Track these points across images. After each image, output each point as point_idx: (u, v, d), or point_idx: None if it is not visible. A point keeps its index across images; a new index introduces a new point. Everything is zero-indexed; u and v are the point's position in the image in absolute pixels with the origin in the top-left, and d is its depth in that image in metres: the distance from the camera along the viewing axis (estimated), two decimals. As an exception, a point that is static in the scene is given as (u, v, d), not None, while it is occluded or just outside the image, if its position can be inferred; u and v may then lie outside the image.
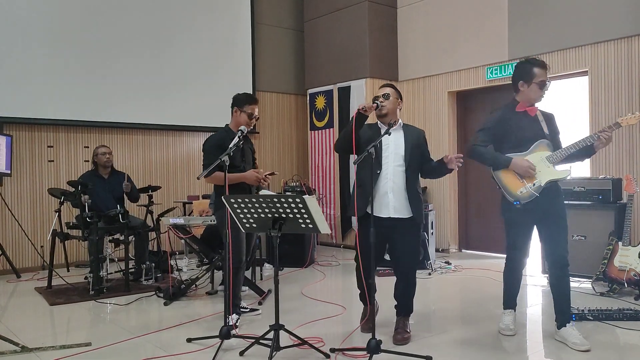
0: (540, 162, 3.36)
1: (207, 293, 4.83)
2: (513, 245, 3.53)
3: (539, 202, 3.36)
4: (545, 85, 3.38)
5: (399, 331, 3.47)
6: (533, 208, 3.38)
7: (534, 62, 3.42)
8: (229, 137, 3.76)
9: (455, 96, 7.09)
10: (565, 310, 3.40)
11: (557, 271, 3.40)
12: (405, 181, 3.40)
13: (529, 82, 3.39)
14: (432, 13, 7.11)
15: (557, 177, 3.35)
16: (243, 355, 3.18)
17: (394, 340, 3.42)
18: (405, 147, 3.43)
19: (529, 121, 3.44)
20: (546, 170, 3.35)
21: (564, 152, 3.35)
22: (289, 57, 8.34)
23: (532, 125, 3.43)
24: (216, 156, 3.55)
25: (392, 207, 3.36)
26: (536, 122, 3.44)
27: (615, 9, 5.41)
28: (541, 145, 3.39)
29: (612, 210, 4.85)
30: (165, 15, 6.99)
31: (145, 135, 7.01)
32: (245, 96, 3.97)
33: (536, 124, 3.44)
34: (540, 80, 3.37)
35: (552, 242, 3.40)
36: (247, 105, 3.90)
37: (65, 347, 3.37)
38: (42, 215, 6.26)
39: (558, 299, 3.41)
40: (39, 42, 6.13)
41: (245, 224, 3.18)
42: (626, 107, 5.38)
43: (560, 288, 3.40)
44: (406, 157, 3.41)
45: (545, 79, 3.38)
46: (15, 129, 6.11)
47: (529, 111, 3.45)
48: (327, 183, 7.78)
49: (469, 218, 7.12)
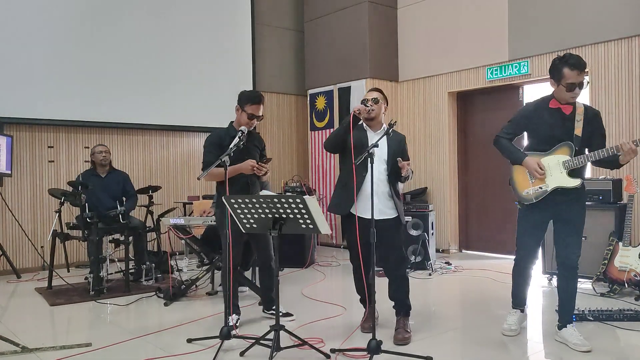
0: (555, 166, 3.27)
1: (208, 293, 4.83)
2: (521, 245, 3.50)
3: (555, 203, 3.30)
4: (574, 88, 3.16)
5: (399, 331, 3.48)
6: (546, 207, 3.34)
7: (566, 61, 3.16)
8: (229, 135, 3.73)
9: (456, 96, 7.09)
10: (568, 312, 3.40)
11: (564, 272, 3.39)
12: (388, 184, 3.49)
13: (557, 82, 3.22)
14: (432, 13, 7.11)
15: (565, 185, 3.25)
16: (243, 356, 3.18)
17: (395, 340, 3.42)
18: (388, 152, 3.49)
19: (561, 119, 3.27)
20: (558, 176, 3.26)
21: (582, 159, 3.21)
22: (289, 57, 8.34)
23: (563, 123, 3.27)
24: (213, 154, 3.57)
25: (377, 209, 3.36)
26: (569, 121, 3.26)
27: (616, 9, 5.41)
28: (563, 148, 3.26)
29: (612, 211, 4.84)
30: (166, 15, 6.99)
31: (146, 136, 7.01)
32: (248, 95, 3.77)
33: (568, 123, 3.26)
34: (568, 82, 3.15)
35: (563, 244, 3.35)
36: (248, 104, 3.71)
37: (66, 348, 3.37)
38: (42, 215, 6.26)
39: (563, 300, 3.41)
40: (39, 42, 6.13)
41: (246, 224, 3.18)
42: (626, 107, 5.38)
43: (567, 290, 3.39)
44: (389, 161, 3.48)
45: (575, 81, 3.14)
46: (16, 129, 6.12)
47: (563, 109, 3.27)
48: (327, 183, 7.78)
49: (470, 218, 7.12)
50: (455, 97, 7.09)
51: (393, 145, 3.52)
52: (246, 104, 3.72)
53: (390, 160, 3.48)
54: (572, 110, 3.28)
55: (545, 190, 3.30)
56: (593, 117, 3.30)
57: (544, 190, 3.30)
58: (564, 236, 3.34)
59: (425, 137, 7.22)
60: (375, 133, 3.50)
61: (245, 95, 3.76)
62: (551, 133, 3.29)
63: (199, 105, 7.21)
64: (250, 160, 3.65)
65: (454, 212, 7.07)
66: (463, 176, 7.10)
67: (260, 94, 3.81)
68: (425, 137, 7.22)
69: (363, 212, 3.40)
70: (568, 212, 3.32)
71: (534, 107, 3.39)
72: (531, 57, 6.10)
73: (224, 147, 3.61)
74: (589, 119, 3.27)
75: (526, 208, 3.40)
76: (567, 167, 3.25)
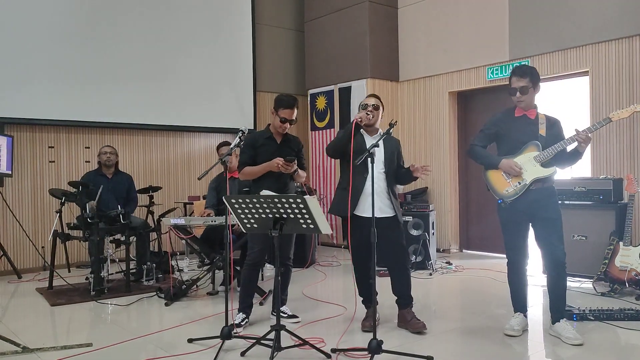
0: (528, 162, 3.45)
1: (208, 293, 4.83)
2: (509, 244, 3.59)
3: (531, 202, 3.43)
4: (515, 93, 3.46)
5: (413, 321, 3.63)
6: (524, 208, 3.46)
7: (512, 70, 3.55)
8: (262, 136, 3.89)
9: (456, 96, 7.09)
10: (560, 308, 3.47)
11: (552, 272, 3.48)
12: (386, 184, 3.64)
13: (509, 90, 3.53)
14: (432, 13, 7.11)
15: (543, 175, 3.42)
16: (244, 356, 3.18)
17: (413, 328, 3.59)
18: (385, 154, 3.65)
19: (527, 124, 3.50)
20: (532, 169, 3.44)
21: (551, 150, 3.40)
22: (289, 57, 8.34)
23: (528, 128, 3.49)
24: (247, 154, 3.80)
25: (377, 207, 3.46)
26: (534, 125, 3.49)
27: (616, 9, 5.41)
28: (531, 147, 3.46)
29: (613, 210, 4.84)
30: (167, 16, 6.99)
31: (146, 136, 7.01)
32: (281, 99, 3.83)
33: (533, 127, 3.49)
34: (510, 87, 3.50)
35: (547, 244, 3.45)
36: (281, 109, 3.79)
37: (67, 348, 3.37)
38: (43, 215, 6.27)
39: (554, 298, 3.49)
40: (40, 43, 6.13)
41: (247, 224, 3.19)
42: (627, 107, 5.36)
43: (556, 288, 3.48)
44: (386, 162, 3.65)
45: (515, 85, 3.46)
46: (17, 129, 6.12)
47: (527, 114, 3.52)
48: (327, 183, 7.78)
49: (470, 218, 7.12)
50: (455, 97, 7.09)
51: (389, 147, 3.68)
52: (279, 109, 3.82)
53: (386, 162, 3.65)
54: (535, 115, 3.52)
55: (524, 184, 3.44)
56: (554, 123, 3.52)
57: (523, 185, 3.45)
58: (545, 235, 3.45)
59: (425, 136, 7.22)
60: (372, 137, 3.65)
61: (279, 99, 3.86)
62: (518, 137, 3.50)
63: (200, 106, 7.22)
64: (278, 159, 3.70)
65: (455, 211, 7.07)
66: (464, 176, 7.10)
67: (294, 99, 3.86)
68: (426, 137, 7.22)
69: (364, 212, 3.54)
70: (545, 210, 3.44)
71: (501, 115, 3.65)
72: (532, 56, 6.10)
73: (256, 147, 3.81)
74: (551, 124, 3.51)
75: (504, 210, 3.54)
76: (539, 160, 3.43)
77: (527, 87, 3.44)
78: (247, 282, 3.84)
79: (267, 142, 3.85)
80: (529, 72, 3.47)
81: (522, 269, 3.61)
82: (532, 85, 3.45)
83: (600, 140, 5.55)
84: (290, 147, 3.93)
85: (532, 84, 3.45)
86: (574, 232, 5.03)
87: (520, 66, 3.54)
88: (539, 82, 3.50)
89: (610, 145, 5.50)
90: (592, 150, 5.61)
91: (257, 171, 3.78)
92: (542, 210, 3.44)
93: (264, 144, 3.83)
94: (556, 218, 3.45)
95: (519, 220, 3.51)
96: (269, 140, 3.86)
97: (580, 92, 5.93)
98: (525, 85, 3.43)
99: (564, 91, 6.18)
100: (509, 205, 3.49)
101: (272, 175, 3.78)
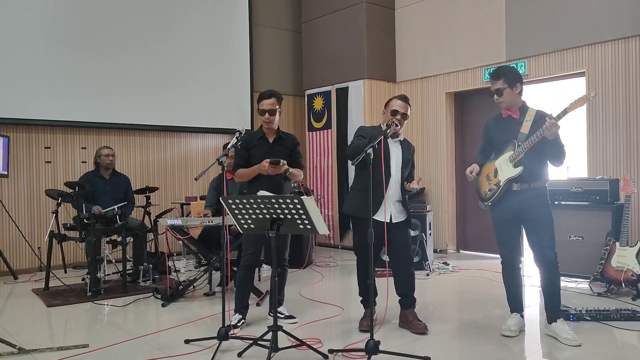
0: (505, 163, 3.50)
1: (205, 294, 4.82)
2: (501, 241, 3.62)
3: (518, 203, 3.45)
4: (493, 95, 3.52)
5: (414, 322, 3.65)
6: (514, 206, 3.47)
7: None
8: (255, 137, 3.89)
9: (453, 97, 7.10)
10: (555, 308, 3.48)
11: (545, 272, 3.48)
12: (401, 189, 3.68)
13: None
14: (429, 14, 7.12)
15: (511, 175, 3.43)
16: (241, 357, 3.18)
17: (415, 330, 3.60)
18: (403, 160, 3.68)
19: (511, 124, 3.51)
20: (506, 170, 3.47)
21: (521, 148, 3.39)
22: (286, 58, 8.34)
23: (512, 127, 3.50)
24: (240, 156, 3.82)
25: (393, 212, 3.61)
26: (517, 124, 3.48)
27: (613, 10, 5.42)
28: (508, 146, 3.48)
29: (609, 211, 4.85)
30: (163, 16, 6.98)
31: (143, 136, 7.00)
32: (260, 93, 3.90)
33: (516, 126, 3.48)
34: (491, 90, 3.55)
35: (537, 245, 3.46)
36: (260, 102, 3.83)
37: (63, 349, 3.36)
38: (39, 216, 6.25)
39: (548, 298, 3.50)
40: (36, 42, 6.12)
41: (244, 225, 3.18)
42: (623, 108, 5.39)
43: (550, 288, 3.48)
44: (403, 168, 3.68)
45: (491, 88, 3.52)
46: (12, 130, 6.10)
47: (512, 114, 3.53)
48: (325, 184, 7.78)
49: (467, 219, 7.13)
50: (452, 98, 7.10)
51: (407, 154, 3.71)
52: (259, 103, 3.87)
53: (404, 167, 3.69)
54: (520, 114, 3.52)
55: (499, 186, 3.49)
56: (539, 119, 3.41)
57: (498, 186, 3.49)
58: (536, 235, 3.46)
59: (422, 137, 7.23)
60: (393, 141, 3.68)
61: (259, 95, 3.91)
62: (502, 138, 3.54)
63: (197, 106, 7.21)
64: (264, 161, 3.69)
65: (452, 212, 7.08)
66: (461, 176, 7.11)
67: (272, 91, 3.88)
68: (423, 138, 7.23)
69: (379, 216, 3.56)
70: (534, 211, 3.45)
71: (492, 119, 3.71)
72: (528, 57, 6.12)
73: (249, 148, 3.83)
74: (536, 120, 3.43)
75: (493, 208, 3.59)
76: (511, 159, 3.45)
77: (502, 88, 3.45)
78: (242, 283, 3.84)
79: (259, 143, 3.85)
80: (502, 73, 3.46)
81: (516, 268, 3.62)
82: (509, 86, 3.44)
83: (596, 140, 5.57)
84: (284, 146, 3.91)
85: (507, 84, 3.44)
86: (571, 233, 5.04)
87: (495, 69, 3.55)
88: (517, 80, 3.47)
89: (607, 145, 5.51)
90: (589, 151, 5.62)
91: (248, 173, 3.79)
92: (531, 211, 3.44)
93: (256, 145, 3.84)
94: (546, 218, 3.44)
95: (509, 218, 3.52)
96: (261, 141, 3.86)
97: (576, 92, 5.92)
98: (500, 87, 3.45)
99: (560, 92, 6.19)
100: (497, 204, 3.52)
101: (265, 176, 3.77)
